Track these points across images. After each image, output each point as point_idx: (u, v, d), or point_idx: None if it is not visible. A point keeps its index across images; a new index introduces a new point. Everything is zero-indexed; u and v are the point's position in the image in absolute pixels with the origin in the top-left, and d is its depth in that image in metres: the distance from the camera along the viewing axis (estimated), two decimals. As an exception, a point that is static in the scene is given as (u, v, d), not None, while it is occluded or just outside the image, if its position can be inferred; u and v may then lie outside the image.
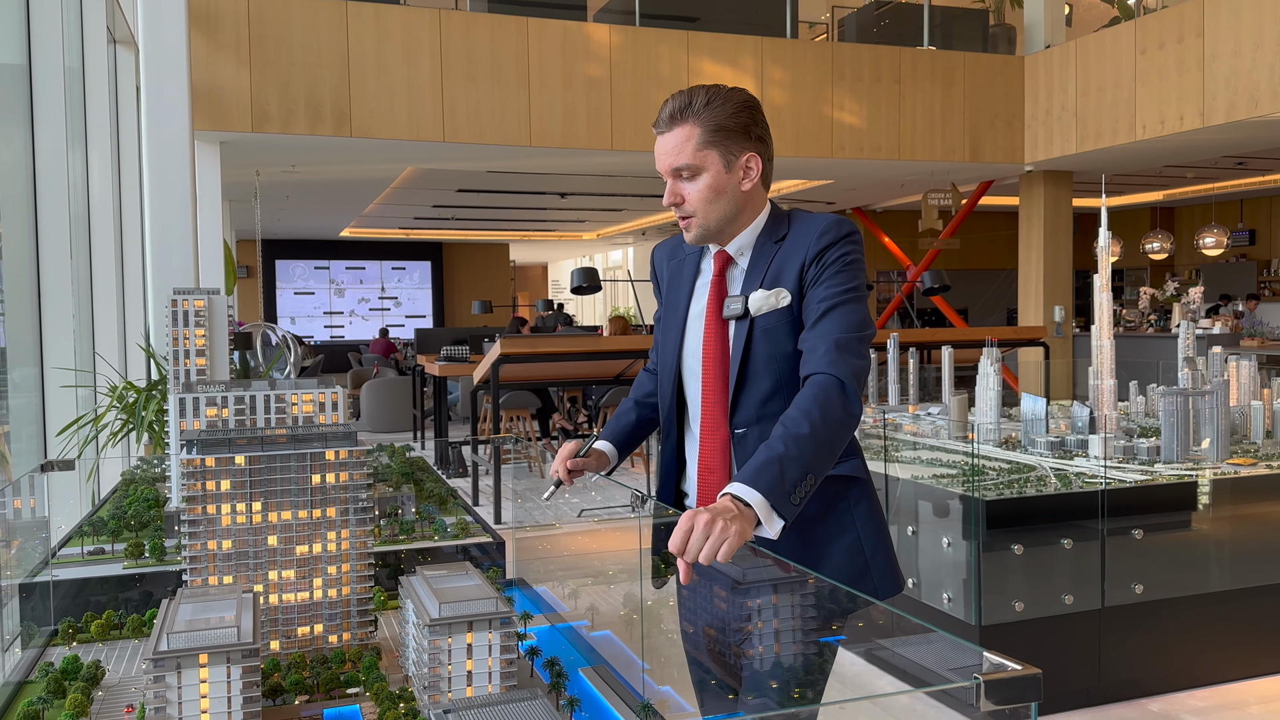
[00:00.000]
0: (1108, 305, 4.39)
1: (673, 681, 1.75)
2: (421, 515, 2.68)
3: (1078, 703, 3.77)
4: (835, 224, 1.89)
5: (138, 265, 6.17)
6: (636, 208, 15.05)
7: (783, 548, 1.80)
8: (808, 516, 1.86)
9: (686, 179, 1.88)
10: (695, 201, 1.88)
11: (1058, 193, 10.47)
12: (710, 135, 1.86)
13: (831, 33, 10.98)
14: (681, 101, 1.87)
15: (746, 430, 1.90)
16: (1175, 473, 4.07)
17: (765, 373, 1.88)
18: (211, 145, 7.76)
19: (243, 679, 1.26)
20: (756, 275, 1.91)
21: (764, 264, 1.91)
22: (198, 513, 1.58)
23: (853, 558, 1.91)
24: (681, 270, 2.05)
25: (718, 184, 1.88)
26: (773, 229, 1.95)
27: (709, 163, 1.87)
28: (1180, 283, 15.88)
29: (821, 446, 1.69)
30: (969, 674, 0.86)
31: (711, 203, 1.88)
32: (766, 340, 1.87)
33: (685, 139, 1.86)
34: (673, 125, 1.87)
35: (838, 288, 1.83)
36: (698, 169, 1.87)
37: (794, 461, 1.64)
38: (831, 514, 1.90)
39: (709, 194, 1.88)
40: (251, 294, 18.28)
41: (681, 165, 1.87)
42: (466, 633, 1.41)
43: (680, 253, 2.07)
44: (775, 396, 1.88)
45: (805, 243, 1.87)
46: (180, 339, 3.02)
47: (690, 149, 1.86)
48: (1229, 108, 7.97)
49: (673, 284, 2.06)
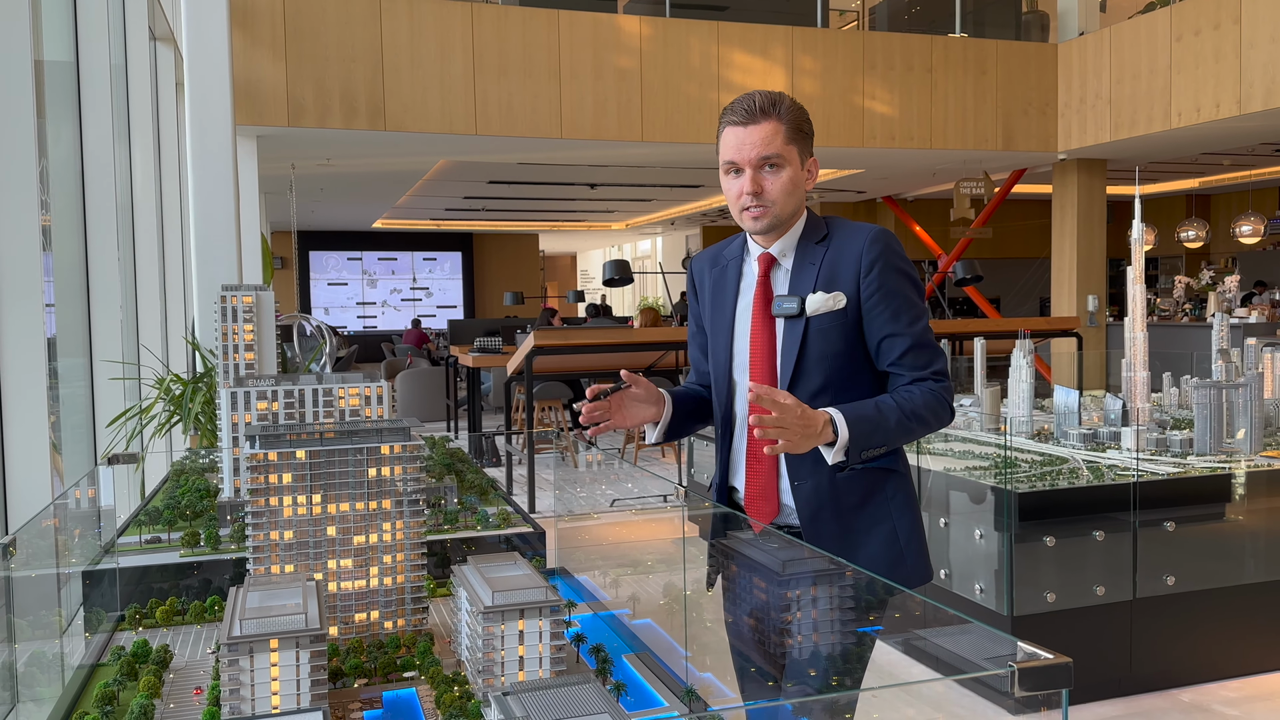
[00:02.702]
0: (1141, 298, 4.39)
1: (713, 668, 1.81)
2: (464, 505, 2.76)
3: (1109, 692, 3.79)
4: (883, 234, 2.02)
5: (178, 258, 6.30)
6: (665, 198, 15.07)
7: (823, 533, 2.00)
8: (849, 506, 2.01)
9: (769, 171, 1.99)
10: (776, 192, 1.99)
11: (1091, 181, 10.39)
12: (793, 134, 1.99)
13: (862, 21, 10.94)
14: (769, 99, 1.99)
15: None
16: (1208, 465, 4.07)
17: (817, 370, 1.99)
18: (249, 139, 7.89)
19: (310, 663, 1.34)
20: (805, 276, 2.02)
21: (810, 265, 2.02)
22: (261, 504, 1.66)
23: (888, 547, 2.03)
24: (725, 275, 2.15)
25: (795, 179, 2.01)
26: (811, 231, 2.07)
27: (791, 158, 2.00)
28: (1216, 271, 15.69)
29: (908, 435, 1.94)
30: (1003, 663, 0.91)
31: (789, 195, 2.01)
32: (821, 339, 1.99)
33: (774, 133, 1.97)
34: (760, 119, 1.97)
35: (912, 305, 2.00)
36: (783, 162, 1.98)
37: (886, 432, 1.90)
38: (871, 504, 2.02)
39: (789, 186, 2.00)
40: (287, 285, 18.51)
41: (771, 155, 1.97)
42: (518, 619, 1.47)
43: (722, 259, 2.18)
44: (823, 393, 1.99)
45: (856, 249, 2.00)
46: (229, 334, 3.11)
47: (779, 142, 1.97)
48: (1267, 94, 7.88)
49: (718, 289, 2.16)
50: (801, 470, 2.02)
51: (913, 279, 2.04)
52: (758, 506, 2.07)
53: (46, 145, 4.03)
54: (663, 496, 2.11)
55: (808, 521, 2.01)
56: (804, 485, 2.02)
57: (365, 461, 1.71)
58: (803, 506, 2.01)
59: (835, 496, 2.01)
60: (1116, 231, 12.26)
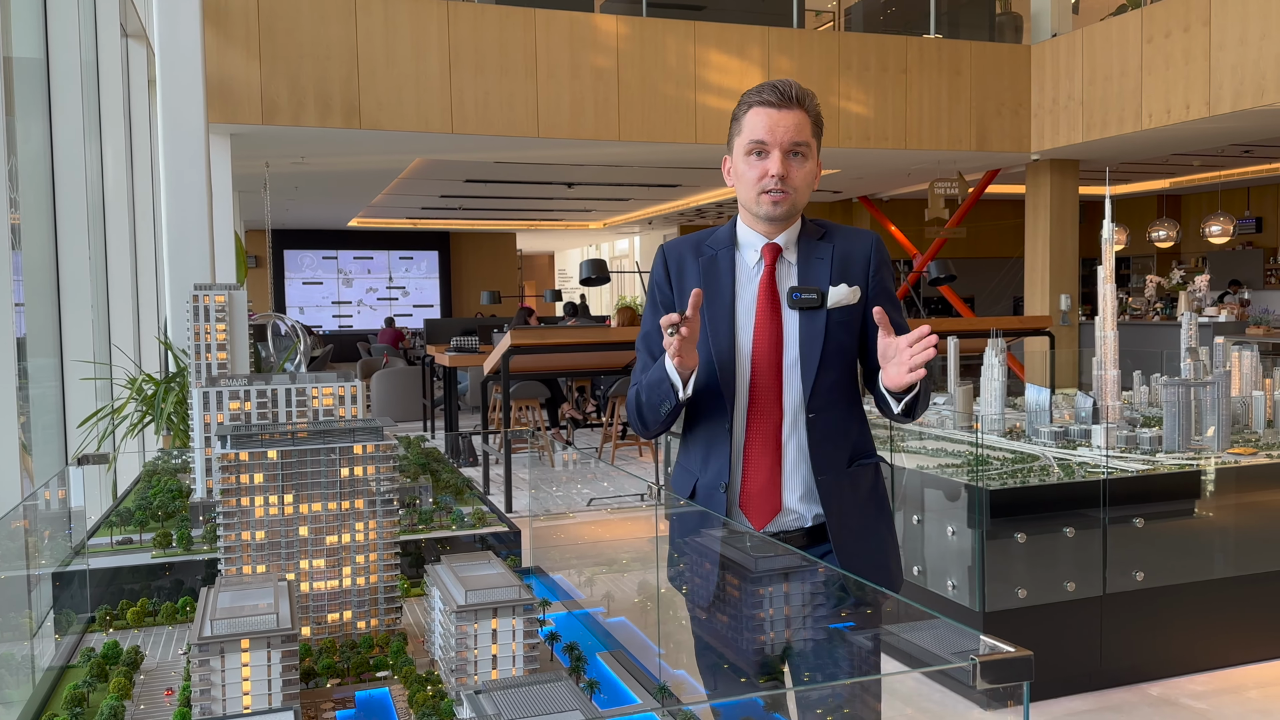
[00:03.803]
0: (1111, 297, 4.44)
1: (687, 666, 1.82)
2: (439, 505, 2.75)
3: (1079, 687, 3.84)
4: (879, 239, 2.12)
5: (151, 257, 6.24)
6: (643, 197, 15.08)
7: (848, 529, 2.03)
8: (863, 497, 2.07)
9: (795, 158, 1.99)
10: (799, 181, 2.00)
11: (1064, 181, 10.49)
12: (815, 128, 2.02)
13: (838, 22, 11.00)
14: (799, 88, 1.99)
15: (818, 414, 2.01)
16: (1176, 462, 4.13)
17: (835, 362, 2.02)
18: (222, 137, 7.83)
19: (282, 663, 1.34)
20: (816, 270, 2.04)
21: (818, 260, 2.05)
22: (232, 504, 1.65)
23: (888, 542, 2.11)
24: (716, 264, 2.10)
25: (814, 171, 2.04)
26: (809, 229, 2.10)
27: (813, 150, 2.02)
28: (1186, 271, 15.89)
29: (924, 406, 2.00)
30: (967, 656, 0.93)
31: (809, 186, 2.03)
32: (840, 331, 2.02)
33: (804, 122, 1.98)
34: (792, 105, 1.97)
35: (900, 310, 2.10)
36: (809, 152, 2.00)
37: (927, 394, 1.99)
38: (875, 494, 2.10)
39: (810, 178, 2.03)
40: (261, 284, 18.37)
41: (802, 143, 1.98)
42: (491, 619, 1.48)
43: (707, 249, 2.12)
44: (839, 384, 2.04)
45: (864, 249, 2.07)
46: (201, 334, 3.09)
47: (807, 132, 1.99)
48: (1235, 97, 7.98)
49: (709, 276, 2.09)
50: (824, 464, 2.02)
51: (895, 283, 2.15)
52: (756, 505, 2.03)
53: (15, 143, 3.98)
54: (639, 495, 2.12)
55: (833, 515, 2.01)
56: (826, 479, 2.02)
57: (337, 461, 1.71)
58: (827, 498, 2.01)
59: (853, 489, 2.04)
60: (1089, 231, 12.38)
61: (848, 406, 2.06)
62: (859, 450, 2.09)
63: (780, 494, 2.02)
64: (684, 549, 2.10)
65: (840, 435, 2.04)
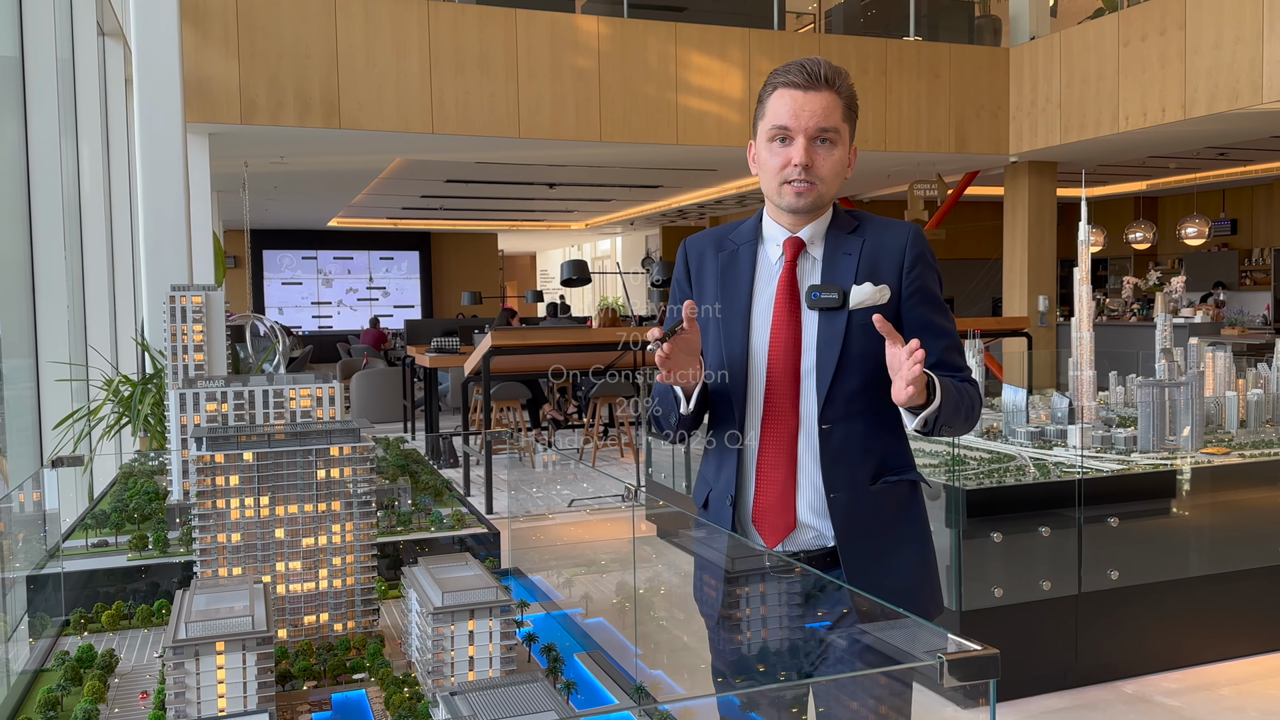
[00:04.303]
0: (1087, 298, 4.49)
1: (664, 666, 1.83)
2: (418, 507, 2.75)
3: (1055, 685, 3.87)
4: (922, 232, 1.90)
5: (128, 257, 6.20)
6: (625, 198, 15.09)
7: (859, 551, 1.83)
8: (884, 522, 1.86)
9: (823, 145, 1.81)
10: (826, 170, 1.82)
11: (1042, 183, 10.57)
12: (847, 111, 1.84)
13: (819, 24, 11.04)
14: (830, 68, 1.81)
15: (833, 426, 1.83)
16: (1151, 462, 4.17)
17: (857, 369, 1.81)
18: (200, 137, 7.78)
19: (258, 665, 1.34)
20: (841, 267, 1.85)
21: (845, 255, 1.86)
22: (208, 507, 1.65)
23: (918, 569, 1.90)
24: (736, 259, 1.94)
25: (844, 159, 1.85)
26: (842, 221, 1.90)
27: (845, 137, 1.84)
28: (1163, 272, 16.04)
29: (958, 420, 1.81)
30: (936, 655, 0.95)
31: (838, 175, 1.84)
32: (864, 335, 1.80)
33: (833, 105, 1.81)
34: (820, 87, 1.80)
35: (946, 309, 1.91)
36: (838, 138, 1.82)
37: (955, 409, 1.79)
38: (903, 518, 1.89)
39: (840, 166, 1.84)
40: (239, 284, 18.27)
41: (830, 128, 1.80)
42: (468, 620, 1.48)
43: (729, 243, 1.96)
44: (862, 394, 1.83)
45: (898, 243, 1.86)
46: (178, 335, 3.08)
47: (837, 116, 1.81)
48: (1210, 100, 8.07)
49: (728, 273, 1.93)
50: (838, 481, 1.83)
51: (941, 282, 1.92)
52: (770, 520, 1.87)
53: (-10, 142, 3.95)
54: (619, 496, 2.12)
55: (844, 538, 1.82)
56: (840, 498, 1.83)
57: (314, 463, 1.71)
58: (839, 519, 1.83)
59: (873, 510, 1.84)
60: (1067, 233, 12.45)
61: (874, 418, 1.85)
62: (888, 466, 1.87)
63: (794, 510, 1.85)
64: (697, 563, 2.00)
65: (860, 450, 1.84)
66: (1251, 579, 4.19)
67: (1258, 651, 4.19)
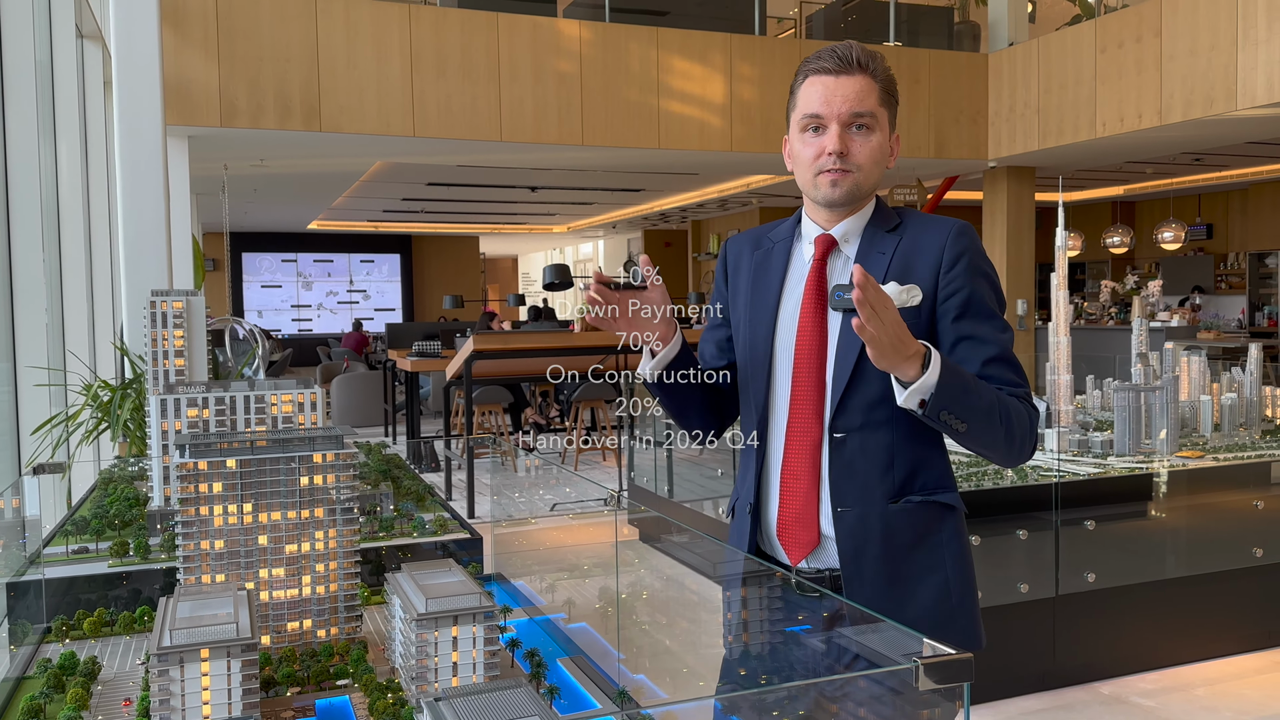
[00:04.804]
0: (1064, 303, 4.53)
1: (647, 670, 1.84)
2: (400, 512, 2.76)
3: (1033, 686, 3.91)
4: (969, 228, 1.75)
5: (106, 261, 6.16)
6: (607, 201, 15.10)
7: (865, 575, 1.72)
8: (900, 545, 1.72)
9: (858, 131, 1.72)
10: (863, 157, 1.72)
11: (1020, 188, 10.66)
12: (885, 97, 1.74)
13: (799, 29, 11.10)
14: (864, 51, 1.72)
15: (847, 435, 1.72)
16: (1127, 465, 4.22)
17: (877, 377, 1.66)
18: (180, 140, 7.74)
19: (242, 672, 1.34)
20: (873, 265, 1.73)
21: (879, 254, 1.74)
22: (191, 514, 1.65)
23: (939, 602, 1.75)
24: (770, 258, 1.85)
25: (884, 146, 1.74)
26: (882, 218, 1.79)
27: (883, 122, 1.74)
28: (1140, 276, 16.19)
29: (990, 429, 1.62)
30: (911, 658, 0.97)
31: (877, 164, 1.73)
32: None
33: (868, 89, 1.71)
34: (852, 71, 1.71)
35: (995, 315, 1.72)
36: (875, 124, 1.72)
37: (975, 406, 1.59)
38: (925, 546, 1.74)
39: (878, 153, 1.73)
40: (218, 288, 18.16)
41: (865, 113, 1.71)
42: (452, 626, 1.49)
43: (767, 241, 1.88)
44: (883, 403, 1.69)
45: (937, 241, 1.72)
46: (159, 340, 3.07)
47: (873, 100, 1.71)
48: (1186, 106, 8.17)
49: (760, 273, 1.85)
50: (847, 495, 1.72)
51: (996, 285, 1.75)
52: (793, 535, 1.76)
53: (-33, 146, 3.92)
54: (601, 501, 2.14)
55: (849, 560, 1.71)
56: (848, 514, 1.72)
57: (297, 470, 1.71)
58: (844, 540, 1.71)
59: (886, 532, 1.71)
60: (1045, 237, 12.58)
61: (901, 429, 1.71)
62: (915, 485, 1.73)
63: (817, 524, 1.74)
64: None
65: (880, 464, 1.70)
66: (1225, 580, 4.25)
67: (1232, 652, 4.25)
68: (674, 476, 6.07)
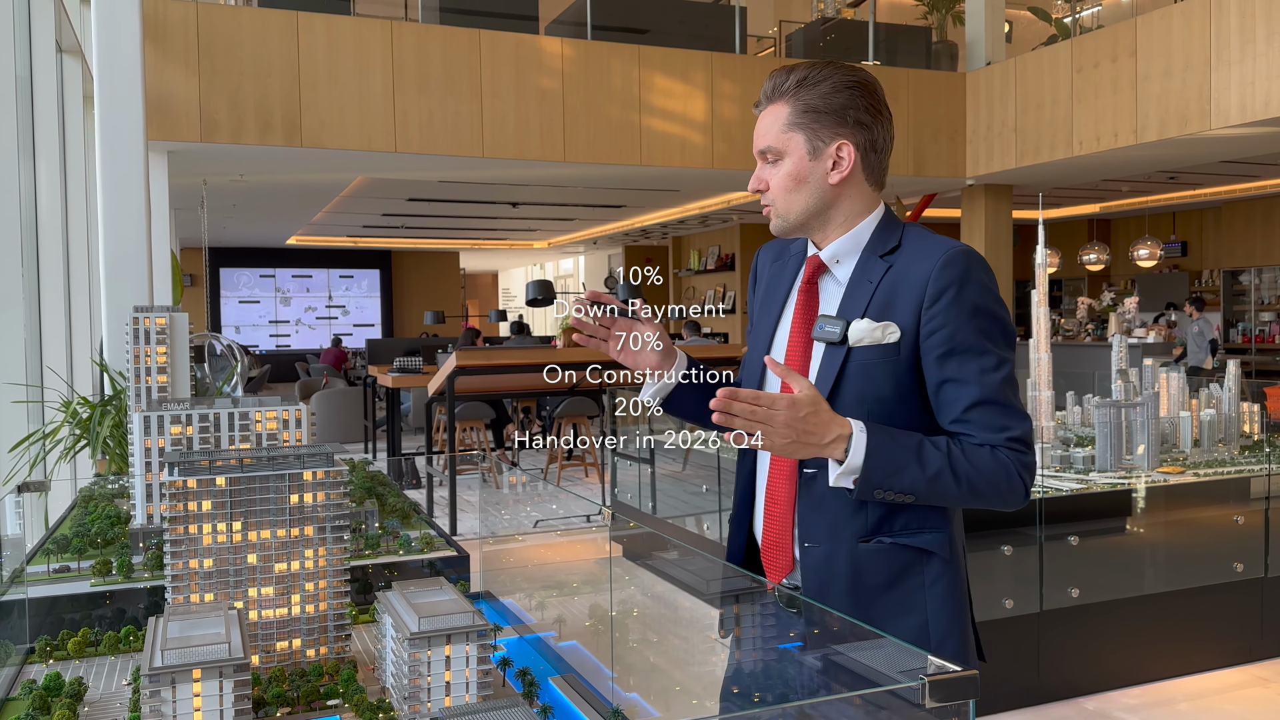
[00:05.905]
0: (1045, 320, 4.57)
1: (639, 689, 1.83)
2: (386, 530, 2.74)
3: (1018, 702, 3.92)
4: (964, 255, 1.63)
5: (84, 277, 6.11)
6: (588, 217, 15.13)
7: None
8: (871, 586, 1.64)
9: (771, 162, 1.68)
10: (775, 189, 1.68)
11: (998, 206, 10.77)
12: (798, 117, 1.65)
13: (779, 48, 11.18)
14: (779, 78, 1.68)
15: (817, 472, 1.64)
16: (1109, 481, 4.25)
17: (854, 413, 1.57)
18: (160, 155, 7.70)
19: (234, 693, 1.32)
20: (859, 295, 1.65)
21: (867, 282, 1.65)
22: (179, 532, 1.63)
23: (915, 644, 1.57)
24: (783, 272, 1.81)
25: (798, 172, 1.66)
26: (881, 238, 1.70)
27: (791, 147, 1.66)
28: (1116, 293, 16.36)
29: (947, 497, 1.57)
30: (914, 676, 0.97)
31: (791, 192, 1.67)
32: (861, 376, 1.61)
33: (774, 119, 1.67)
34: (767, 103, 1.69)
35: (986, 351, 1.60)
36: (780, 153, 1.67)
37: (916, 478, 1.53)
38: (898, 589, 1.65)
39: (788, 182, 1.66)
40: (196, 303, 18.03)
41: (764, 148, 1.68)
42: (445, 645, 1.48)
43: (787, 253, 1.84)
44: None
45: (923, 271, 1.61)
46: (141, 356, 3.04)
47: (775, 131, 1.66)
48: (1160, 125, 8.28)
49: (772, 285, 1.82)
50: (814, 530, 1.65)
51: (994, 316, 1.63)
52: (770, 556, 1.73)
53: (-54, 160, 3.89)
54: (586, 517, 2.14)
55: (814, 594, 1.64)
56: (815, 550, 1.66)
57: (287, 488, 1.70)
58: (809, 576, 1.66)
59: (854, 572, 1.63)
60: (1023, 254, 12.70)
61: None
62: (896, 525, 1.64)
63: (792, 550, 1.70)
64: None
65: (851, 502, 1.61)
66: (1207, 595, 4.28)
67: (1214, 666, 4.28)
68: (657, 493, 6.06)
